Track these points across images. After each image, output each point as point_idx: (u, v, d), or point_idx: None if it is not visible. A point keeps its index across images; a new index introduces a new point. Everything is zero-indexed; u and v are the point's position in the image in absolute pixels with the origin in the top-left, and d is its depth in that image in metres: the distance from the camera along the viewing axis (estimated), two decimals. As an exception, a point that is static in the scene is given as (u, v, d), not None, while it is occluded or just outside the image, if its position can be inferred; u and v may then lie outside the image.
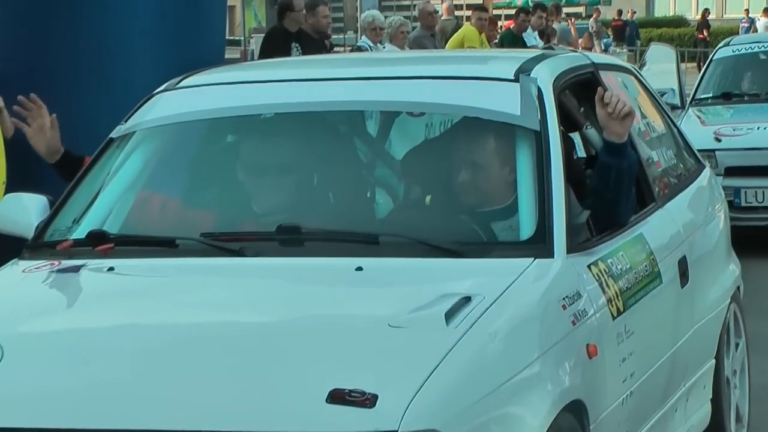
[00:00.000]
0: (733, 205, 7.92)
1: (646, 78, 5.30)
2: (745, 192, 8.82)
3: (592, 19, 28.96)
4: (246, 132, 4.28)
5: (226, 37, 10.04)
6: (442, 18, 16.82)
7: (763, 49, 10.79)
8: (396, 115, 4.31)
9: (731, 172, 8.73)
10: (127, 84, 5.67)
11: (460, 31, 14.58)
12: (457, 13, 16.59)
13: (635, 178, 4.13)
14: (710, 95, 10.51)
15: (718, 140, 8.99)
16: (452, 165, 3.91)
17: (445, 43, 14.44)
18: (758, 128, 9.25)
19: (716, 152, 8.75)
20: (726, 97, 10.36)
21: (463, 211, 3.89)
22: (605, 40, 28.68)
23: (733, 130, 9.31)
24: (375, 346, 3.03)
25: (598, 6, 36.00)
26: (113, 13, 5.61)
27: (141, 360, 3.00)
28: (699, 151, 5.64)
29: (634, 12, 38.95)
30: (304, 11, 11.01)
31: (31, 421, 2.80)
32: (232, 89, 4.47)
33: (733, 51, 10.94)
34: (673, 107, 8.76)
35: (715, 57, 11.03)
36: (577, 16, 34.31)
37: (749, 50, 10.87)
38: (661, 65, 10.52)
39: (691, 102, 10.18)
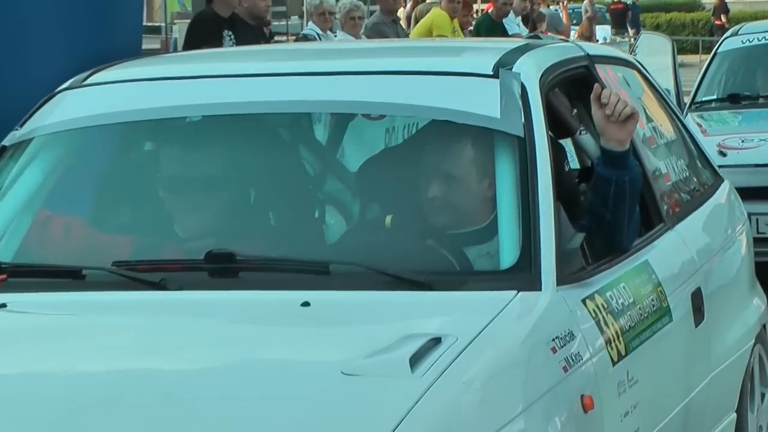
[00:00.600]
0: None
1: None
2: (757, 219, 8.34)
3: (586, 2, 29.34)
4: (168, 138, 4.36)
5: (144, 24, 10.15)
6: (428, 0, 17.19)
7: (782, 39, 10.30)
8: (350, 119, 4.43)
9: (739, 194, 8.03)
10: (23, 80, 5.72)
11: (427, 15, 14.60)
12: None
13: (639, 193, 4.22)
14: (714, 97, 10.24)
15: (723, 154, 8.57)
16: (418, 178, 3.98)
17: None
18: (773, 140, 8.99)
19: (720, 169, 8.29)
20: (734, 100, 10.03)
21: (431, 233, 3.93)
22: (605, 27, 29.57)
23: (742, 141, 8.98)
24: (326, 398, 3.09)
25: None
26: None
27: (42, 420, 3.05)
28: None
29: (640, -7, 40.14)
30: (238, -8, 11.12)
31: None
32: (151, 87, 4.55)
33: (743, 42, 10.49)
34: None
35: (720, 49, 10.66)
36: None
37: (764, 41, 10.40)
38: (654, 59, 9.83)
39: (690, 106, 9.85)
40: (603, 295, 3.99)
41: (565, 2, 26.22)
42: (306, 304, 3.47)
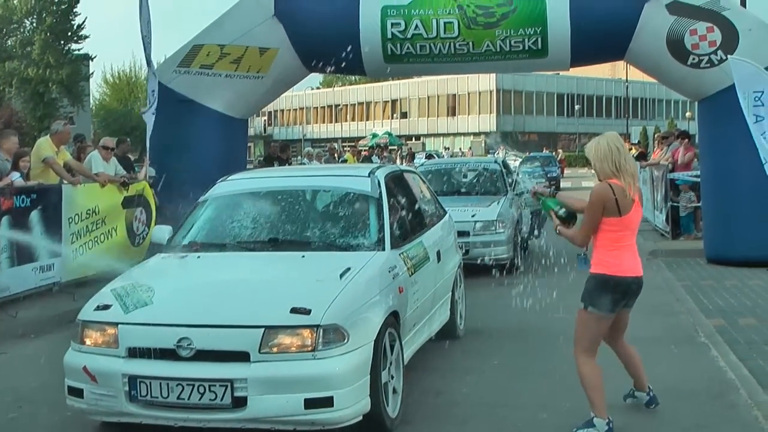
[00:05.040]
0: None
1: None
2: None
3: (406, 147, 58.39)
4: (253, 199, 8.56)
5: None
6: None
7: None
8: (319, 191, 8.57)
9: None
10: (200, 178, 11.59)
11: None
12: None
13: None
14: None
15: None
16: (345, 214, 8.11)
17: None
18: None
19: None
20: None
21: (347, 231, 7.94)
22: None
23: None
24: (311, 288, 6.70)
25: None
26: None
27: (210, 285, 7.07)
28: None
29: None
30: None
31: (171, 317, 6.53)
32: (247, 182, 9.52)
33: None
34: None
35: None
36: (399, 146, 62.54)
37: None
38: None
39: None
40: (407, 251, 7.99)
41: (397, 149, 50.42)
42: (303, 256, 7.43)
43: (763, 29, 15.25)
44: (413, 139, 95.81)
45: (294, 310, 6.32)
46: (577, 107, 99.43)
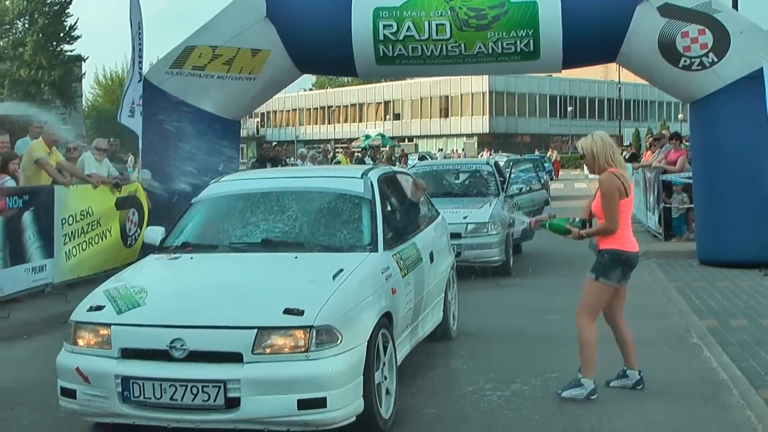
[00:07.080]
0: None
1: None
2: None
3: (398, 149, 53.69)
4: (248, 200, 8.60)
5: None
6: None
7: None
8: (311, 192, 8.54)
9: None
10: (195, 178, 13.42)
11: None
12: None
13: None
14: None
15: None
16: (338, 215, 8.12)
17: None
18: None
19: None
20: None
21: (340, 233, 7.94)
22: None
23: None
24: (304, 289, 6.67)
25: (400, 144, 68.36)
26: None
27: (203, 286, 7.03)
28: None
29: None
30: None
31: (164, 318, 6.51)
32: (240, 184, 9.42)
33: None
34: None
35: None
36: (392, 147, 57.27)
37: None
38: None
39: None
40: (400, 253, 8.09)
41: (388, 149, 47.32)
42: (296, 257, 7.40)
43: (755, 32, 15.32)
44: (406, 140, 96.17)
45: (287, 311, 6.29)
46: (569, 109, 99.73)
